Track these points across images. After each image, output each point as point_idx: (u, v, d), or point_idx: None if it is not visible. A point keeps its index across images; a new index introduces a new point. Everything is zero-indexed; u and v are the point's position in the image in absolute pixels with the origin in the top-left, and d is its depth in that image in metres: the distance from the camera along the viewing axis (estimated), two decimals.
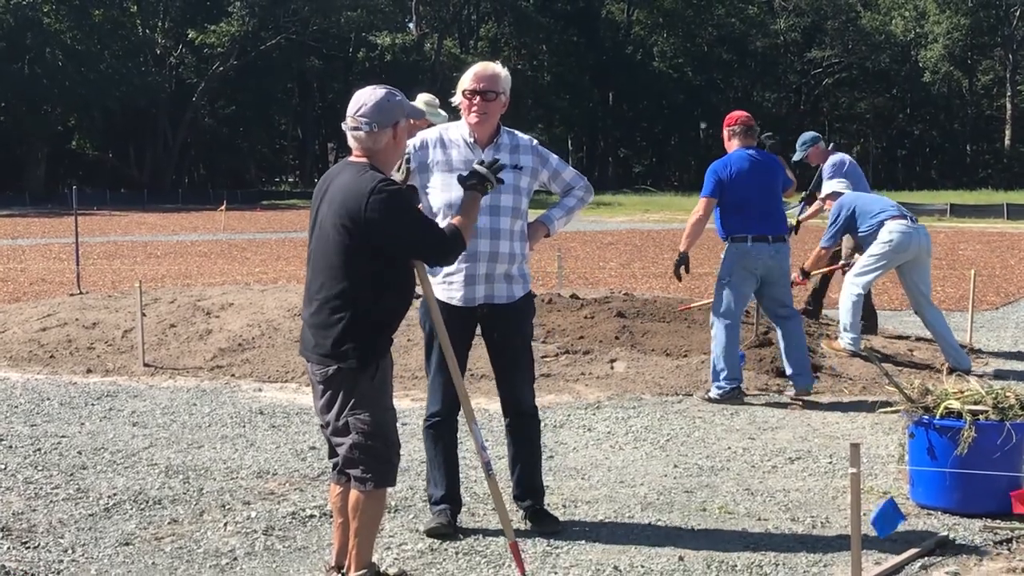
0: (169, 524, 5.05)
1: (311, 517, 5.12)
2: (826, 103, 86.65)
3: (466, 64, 5.09)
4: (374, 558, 4.21)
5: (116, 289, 14.33)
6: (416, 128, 4.91)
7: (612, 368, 8.56)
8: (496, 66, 4.91)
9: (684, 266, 7.90)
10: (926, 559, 4.52)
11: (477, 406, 7.06)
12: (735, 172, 7.72)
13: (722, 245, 7.87)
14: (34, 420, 7.29)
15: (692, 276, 15.99)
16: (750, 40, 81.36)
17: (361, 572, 4.08)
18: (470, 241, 4.40)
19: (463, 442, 5.74)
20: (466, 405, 4.35)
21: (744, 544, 4.74)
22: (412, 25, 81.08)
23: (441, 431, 4.94)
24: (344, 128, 4.10)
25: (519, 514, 5.01)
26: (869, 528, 4.35)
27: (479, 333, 5.00)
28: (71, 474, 5.90)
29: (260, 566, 4.52)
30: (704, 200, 7.82)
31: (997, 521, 4.93)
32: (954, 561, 4.50)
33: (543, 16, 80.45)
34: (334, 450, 4.17)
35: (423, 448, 5.07)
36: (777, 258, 7.69)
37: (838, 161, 10.28)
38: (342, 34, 76.89)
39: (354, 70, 77.09)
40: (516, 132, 5.03)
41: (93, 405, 7.76)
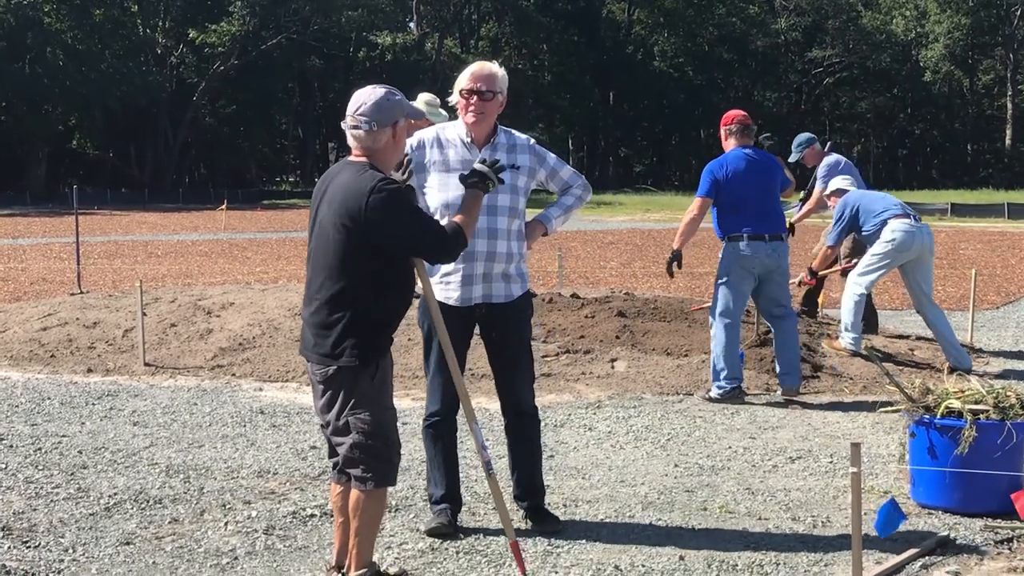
0: (170, 523, 5.05)
1: (312, 516, 5.12)
2: (827, 103, 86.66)
3: (467, 64, 5.07)
4: (375, 557, 4.21)
5: (117, 288, 14.33)
6: (416, 128, 4.91)
7: (613, 367, 8.56)
8: (493, 66, 4.90)
9: (677, 263, 7.95)
10: (927, 558, 4.52)
11: (477, 405, 7.06)
12: (731, 172, 7.71)
13: (721, 245, 7.87)
14: (35, 419, 7.29)
15: (693, 276, 16.10)
16: (751, 40, 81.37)
17: (362, 571, 4.08)
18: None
19: (464, 441, 5.74)
20: (466, 404, 4.35)
21: (745, 543, 4.74)
22: (413, 25, 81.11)
23: (440, 431, 4.94)
24: (344, 127, 4.10)
25: (519, 513, 5.01)
26: (870, 527, 4.35)
27: (478, 333, 5.00)
28: (72, 473, 5.90)
29: (261, 565, 4.52)
30: (699, 200, 7.82)
31: (998, 521, 4.92)
32: (955, 561, 4.50)
33: (544, 16, 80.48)
34: (334, 450, 4.16)
35: (423, 447, 5.07)
36: (774, 257, 7.68)
37: (833, 162, 10.30)
38: (343, 34, 76.93)
39: (355, 70, 77.12)
40: (513, 131, 5.02)
41: (94, 404, 7.76)
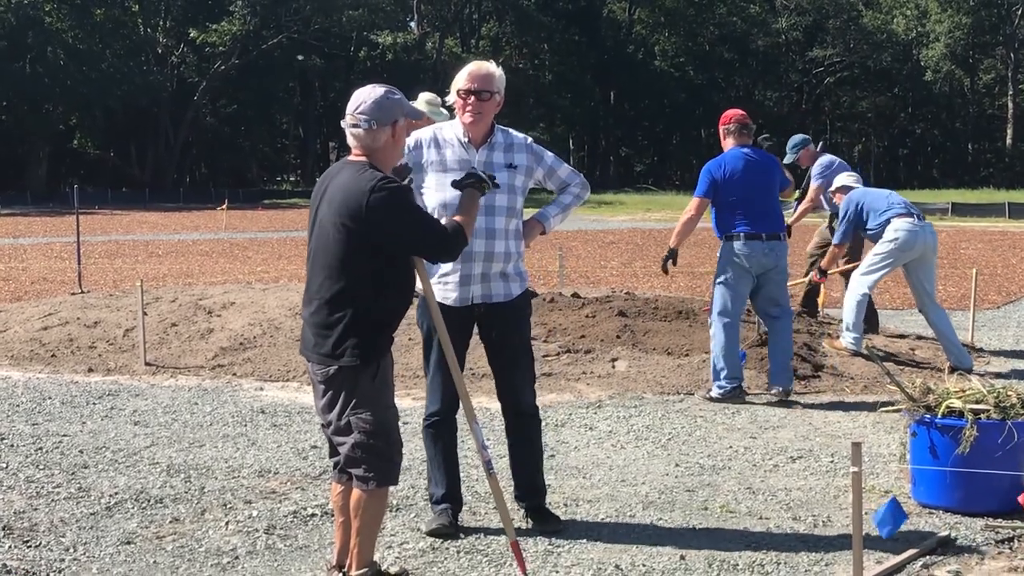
0: (170, 523, 5.05)
1: (312, 516, 5.12)
2: (828, 102, 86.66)
3: (467, 63, 5.06)
4: (375, 557, 4.21)
5: (117, 288, 14.33)
6: (418, 128, 4.90)
7: (613, 367, 8.56)
8: (490, 65, 4.89)
9: (672, 260, 7.97)
10: (928, 558, 4.52)
11: (478, 405, 7.06)
12: (729, 171, 7.71)
13: (720, 244, 7.87)
14: (36, 419, 7.29)
15: (693, 275, 16.10)
16: (751, 39, 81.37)
17: (362, 571, 4.08)
18: None
19: (464, 441, 5.74)
20: (466, 404, 4.35)
21: (746, 543, 4.74)
22: (413, 24, 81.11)
23: (440, 431, 4.94)
24: (343, 126, 4.10)
25: (520, 513, 5.01)
26: (871, 527, 4.35)
27: (478, 333, 4.99)
28: (72, 473, 5.90)
29: (261, 565, 4.52)
30: (697, 200, 7.82)
31: (999, 520, 4.92)
32: (956, 560, 4.50)
33: (544, 15, 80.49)
34: (335, 449, 4.16)
35: (424, 447, 5.07)
36: (772, 256, 7.66)
37: (827, 162, 10.33)
38: (344, 33, 76.98)
39: (356, 69, 77.15)
40: (510, 130, 5.02)
41: (94, 404, 7.76)
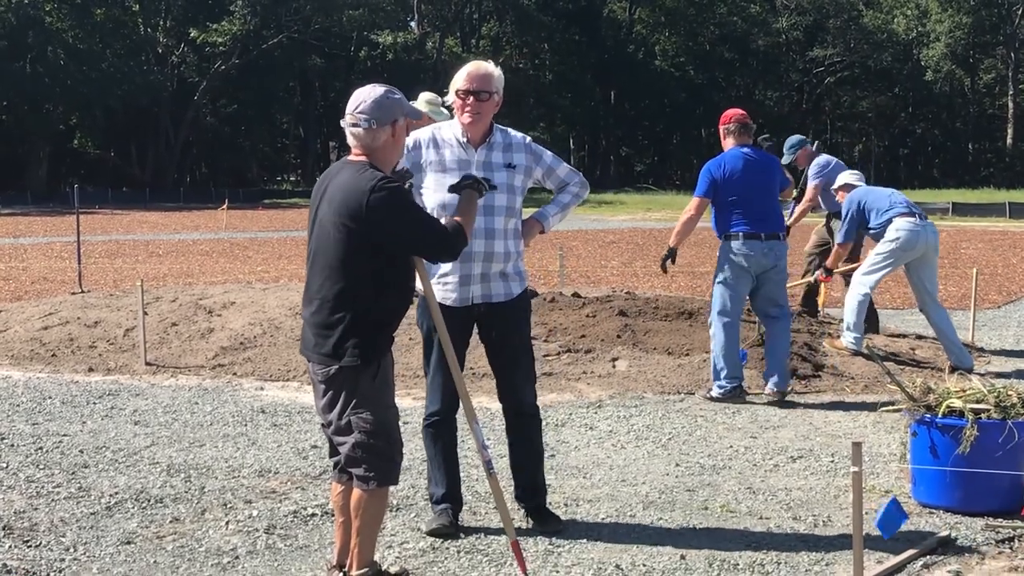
0: (171, 523, 5.05)
1: (313, 516, 5.12)
2: (828, 102, 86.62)
3: (467, 63, 5.06)
4: (376, 556, 4.21)
5: (118, 288, 14.33)
6: (418, 128, 4.90)
7: (614, 367, 8.56)
8: (489, 65, 4.89)
9: (671, 259, 7.99)
10: (928, 558, 4.52)
11: (478, 405, 7.06)
12: (729, 171, 7.71)
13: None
14: (36, 419, 7.29)
15: (694, 275, 16.09)
16: (752, 39, 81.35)
17: (363, 571, 4.08)
18: None
19: (464, 441, 5.74)
20: (466, 403, 4.34)
21: (746, 543, 4.74)
22: (414, 24, 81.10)
23: (440, 431, 4.94)
24: (343, 125, 4.10)
25: (521, 513, 5.01)
26: (871, 527, 4.35)
27: (478, 333, 4.99)
28: (73, 473, 5.90)
29: (262, 564, 4.52)
30: (696, 200, 7.82)
31: (999, 520, 4.92)
32: (956, 560, 4.50)
33: (545, 15, 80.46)
34: (335, 449, 4.16)
35: (424, 447, 5.06)
36: (770, 256, 7.65)
37: (823, 162, 10.38)
38: (344, 33, 76.98)
39: (356, 69, 77.15)
40: (509, 130, 5.01)
41: (95, 404, 7.76)
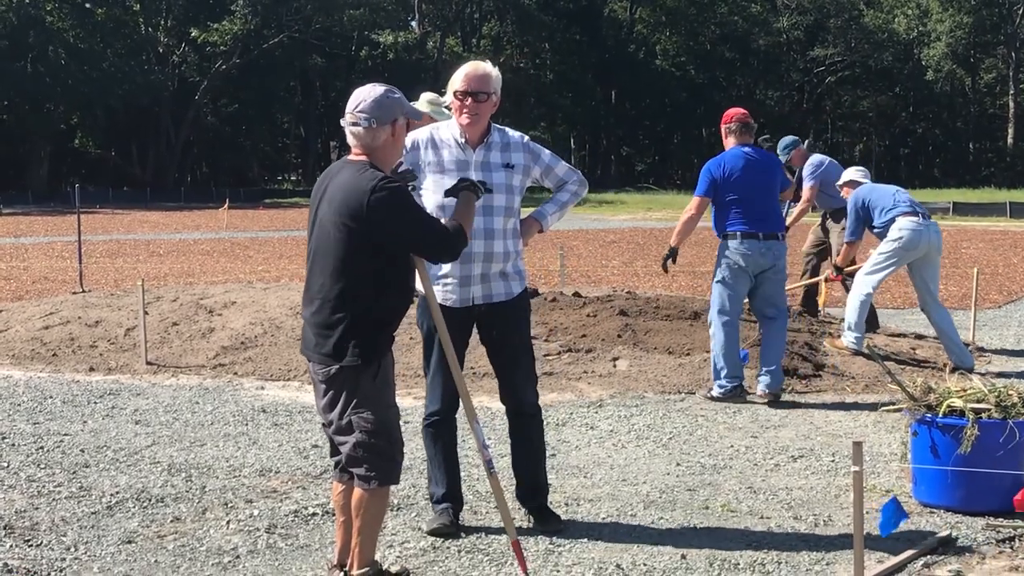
0: (172, 522, 5.05)
1: (313, 515, 5.12)
2: (829, 101, 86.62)
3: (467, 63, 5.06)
4: (376, 556, 4.21)
5: (119, 287, 14.34)
6: (419, 128, 4.90)
7: (614, 366, 8.56)
8: (486, 66, 4.88)
9: (672, 259, 7.99)
10: (928, 557, 4.52)
11: (479, 404, 7.06)
12: (729, 170, 7.71)
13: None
14: (37, 418, 7.29)
15: (694, 275, 16.09)
16: (753, 38, 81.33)
17: (364, 570, 4.08)
18: None
19: (465, 440, 5.74)
20: (467, 403, 4.34)
21: (747, 542, 4.74)
22: (415, 23, 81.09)
23: (440, 430, 4.94)
24: (343, 124, 4.10)
25: (522, 512, 5.01)
26: (872, 526, 4.35)
27: (476, 333, 4.99)
28: (74, 472, 5.91)
29: (262, 564, 4.53)
30: (697, 199, 7.83)
31: (1000, 519, 4.92)
32: (956, 560, 4.50)
33: (545, 14, 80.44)
34: (336, 448, 4.16)
35: (424, 447, 5.07)
36: (768, 256, 7.64)
37: (817, 161, 10.49)
38: (345, 32, 76.99)
39: (357, 68, 77.16)
40: (507, 129, 5.01)
41: (96, 403, 7.76)
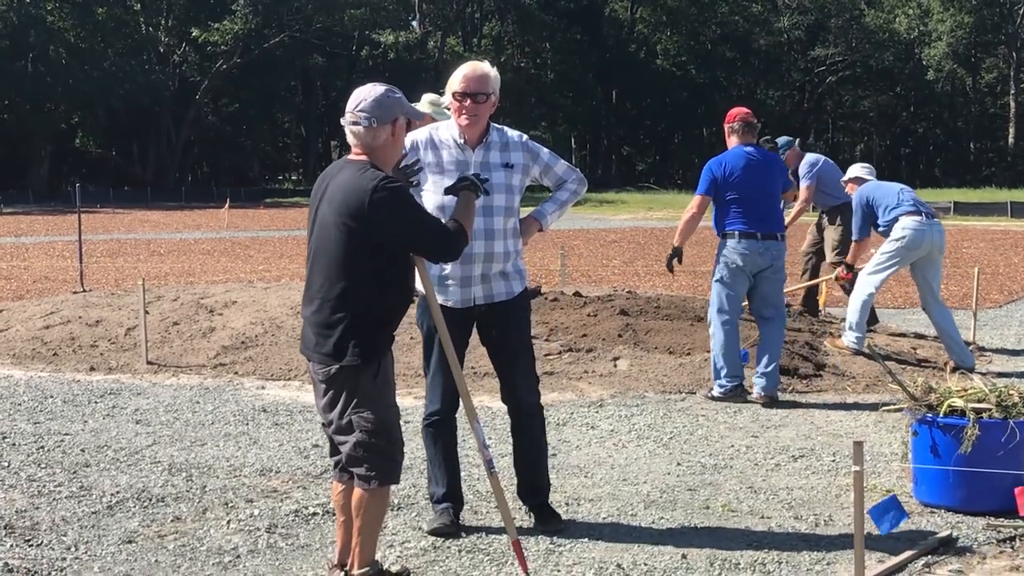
0: (172, 522, 5.05)
1: (314, 515, 5.12)
2: (830, 101, 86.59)
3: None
4: (377, 556, 4.21)
5: (119, 287, 14.34)
6: (418, 128, 4.89)
7: (615, 366, 8.56)
8: (485, 66, 4.88)
9: (677, 259, 7.98)
10: (929, 557, 4.52)
11: (479, 404, 7.06)
12: (730, 170, 7.71)
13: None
14: (37, 418, 7.29)
15: (695, 274, 16.08)
16: (753, 38, 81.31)
17: (364, 570, 4.08)
18: None
19: (465, 440, 5.74)
20: (467, 403, 4.34)
21: (747, 542, 4.74)
22: (415, 23, 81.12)
23: (440, 430, 4.93)
24: (343, 123, 4.09)
25: (522, 511, 5.00)
26: (872, 526, 4.35)
27: (476, 333, 4.98)
28: (74, 472, 5.91)
29: (263, 564, 4.53)
30: (698, 198, 7.83)
31: (1000, 519, 4.92)
32: (957, 559, 4.50)
33: (546, 14, 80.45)
34: (336, 448, 4.16)
35: (424, 446, 5.07)
36: (766, 256, 7.63)
37: (813, 160, 10.55)
38: (345, 32, 77.02)
39: (357, 68, 77.16)
40: (505, 129, 5.00)
41: (96, 403, 7.76)
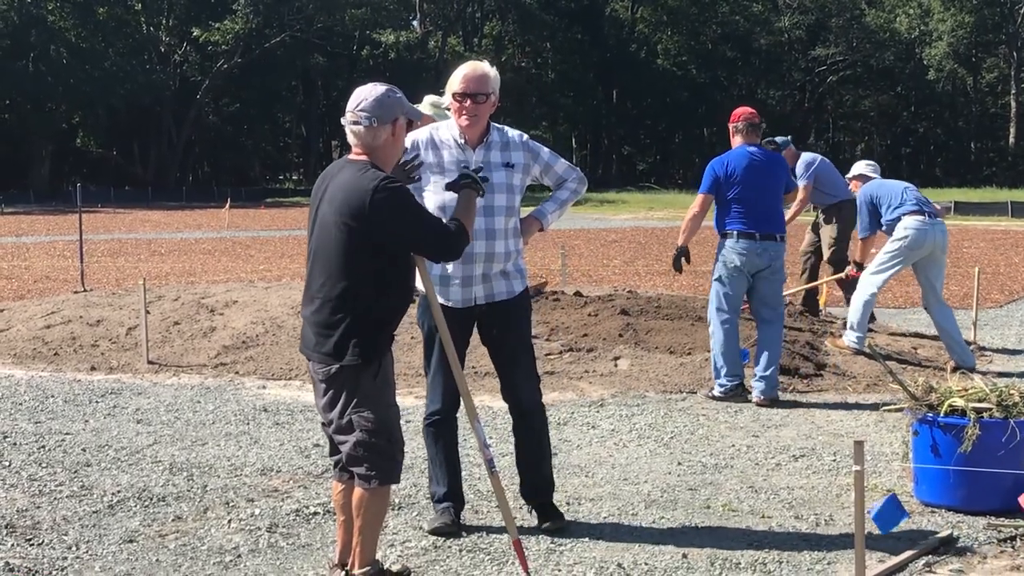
0: (173, 521, 5.06)
1: (315, 514, 5.13)
2: (830, 101, 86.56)
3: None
4: (378, 555, 4.21)
5: (120, 287, 14.34)
6: (418, 128, 4.89)
7: (616, 366, 8.56)
8: (484, 66, 4.88)
9: (684, 257, 7.97)
10: (930, 557, 4.52)
11: (480, 403, 7.06)
12: (732, 169, 7.71)
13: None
14: (38, 417, 7.30)
15: (696, 274, 16.07)
16: (754, 38, 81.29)
17: (365, 569, 4.08)
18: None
19: (466, 439, 5.74)
20: (468, 402, 4.34)
21: (748, 542, 4.74)
22: (416, 23, 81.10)
23: (441, 430, 4.94)
24: (344, 123, 4.09)
25: (523, 510, 5.00)
26: (873, 526, 4.35)
27: (477, 332, 4.99)
28: (75, 471, 5.91)
29: (264, 563, 4.53)
30: (701, 197, 7.85)
31: (1001, 519, 4.92)
32: (958, 559, 4.50)
33: (547, 14, 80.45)
34: (336, 448, 4.16)
35: (424, 446, 5.07)
36: (764, 257, 7.62)
37: (810, 159, 10.60)
38: (346, 32, 77.03)
39: (358, 68, 77.17)
40: (506, 128, 5.00)
41: (97, 402, 7.77)
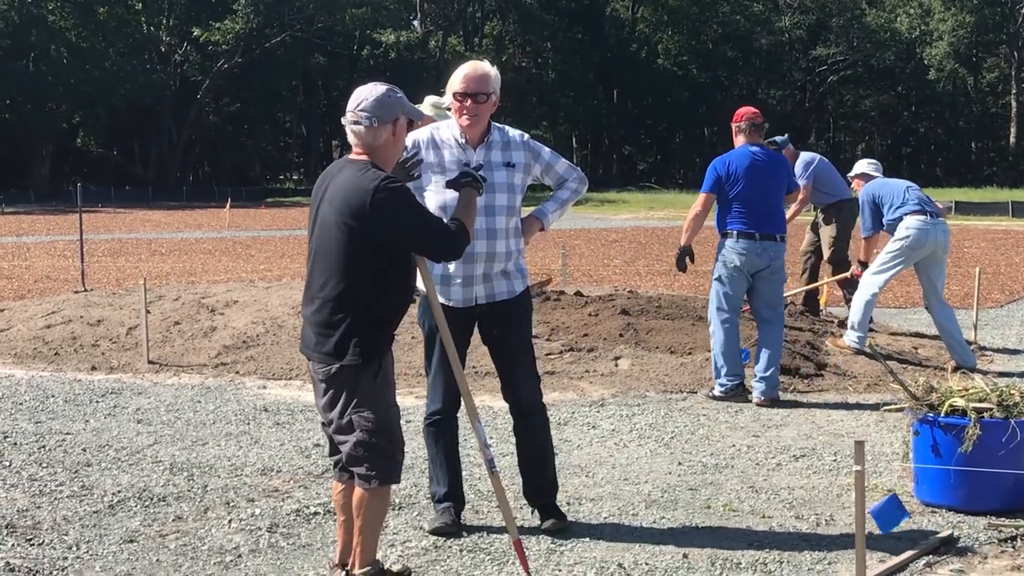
0: (173, 521, 5.06)
1: (315, 514, 5.13)
2: (831, 100, 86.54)
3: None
4: (378, 555, 4.21)
5: (120, 286, 14.34)
6: (419, 128, 4.89)
7: (616, 365, 8.56)
8: (485, 66, 4.88)
9: (688, 256, 7.95)
10: (930, 557, 4.52)
11: (480, 403, 7.06)
12: (734, 168, 7.71)
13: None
14: (39, 417, 7.30)
15: (696, 274, 16.06)
16: (755, 37, 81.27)
17: (365, 569, 4.08)
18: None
19: (467, 439, 5.74)
20: (468, 402, 4.34)
21: (748, 542, 4.74)
22: (417, 23, 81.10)
23: (442, 430, 4.94)
24: (344, 123, 4.09)
25: (524, 510, 5.00)
26: (874, 526, 4.35)
27: (478, 332, 4.99)
28: (75, 471, 5.91)
29: (264, 563, 4.53)
30: (703, 196, 7.85)
31: (1002, 519, 4.92)
32: (958, 559, 4.50)
33: (548, 14, 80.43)
34: (335, 447, 4.16)
35: (425, 446, 5.07)
36: (764, 257, 7.62)
37: (809, 159, 10.61)
38: (347, 31, 77.03)
39: (359, 67, 77.18)
40: (506, 128, 5.01)
41: (97, 402, 7.77)
